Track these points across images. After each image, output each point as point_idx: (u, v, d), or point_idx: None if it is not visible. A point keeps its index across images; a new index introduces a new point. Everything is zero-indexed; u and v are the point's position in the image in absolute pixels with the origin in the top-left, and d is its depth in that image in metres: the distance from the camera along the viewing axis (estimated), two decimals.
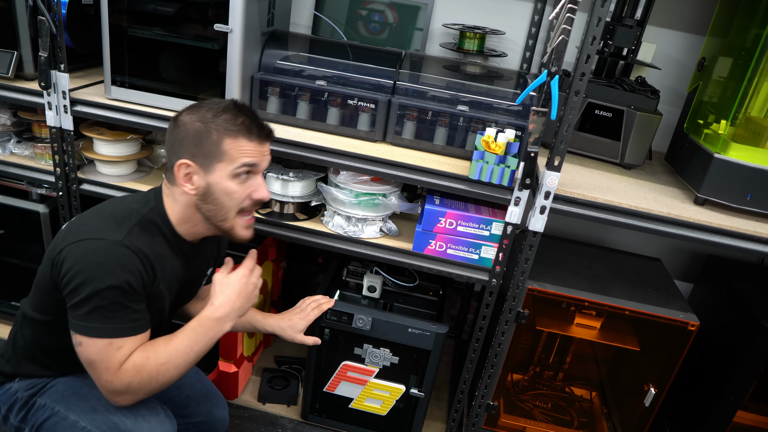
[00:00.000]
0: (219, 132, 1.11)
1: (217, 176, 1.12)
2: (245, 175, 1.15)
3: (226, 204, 1.14)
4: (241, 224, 1.19)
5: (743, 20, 1.42)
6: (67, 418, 1.15)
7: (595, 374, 1.96)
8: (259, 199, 1.17)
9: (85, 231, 1.07)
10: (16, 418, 1.20)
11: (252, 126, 1.13)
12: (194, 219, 1.17)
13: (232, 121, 1.11)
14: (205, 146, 1.11)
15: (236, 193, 1.14)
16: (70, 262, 1.03)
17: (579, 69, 1.19)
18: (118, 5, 1.45)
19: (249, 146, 1.13)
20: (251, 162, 1.14)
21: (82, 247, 1.04)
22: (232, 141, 1.11)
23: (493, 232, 1.47)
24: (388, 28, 1.90)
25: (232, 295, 1.16)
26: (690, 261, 2.02)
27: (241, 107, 1.15)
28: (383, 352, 1.62)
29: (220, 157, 1.11)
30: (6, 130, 1.73)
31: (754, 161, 1.32)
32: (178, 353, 1.09)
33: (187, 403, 1.43)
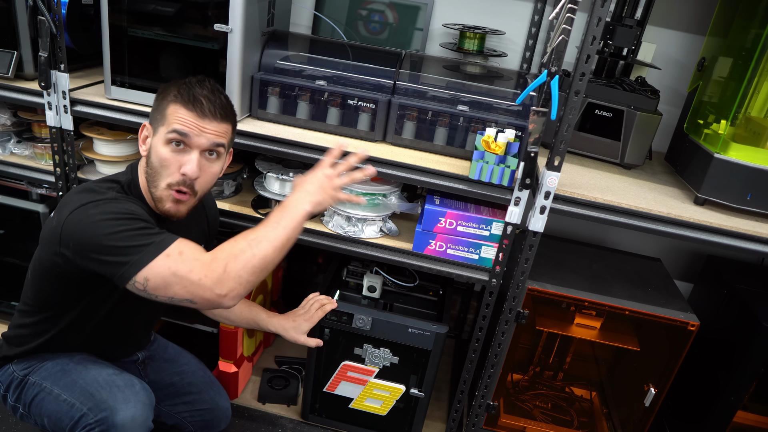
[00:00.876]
0: (168, 98, 1.15)
1: (156, 139, 1.15)
2: (180, 146, 1.14)
3: (158, 171, 1.15)
4: (169, 197, 1.17)
5: (743, 20, 1.42)
6: (51, 392, 1.20)
7: (595, 374, 1.96)
8: (184, 174, 1.14)
9: (77, 201, 1.09)
10: (12, 396, 1.26)
11: (195, 97, 1.13)
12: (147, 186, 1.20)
13: (182, 90, 1.14)
14: (158, 110, 1.16)
15: (166, 159, 1.14)
16: (76, 229, 1.06)
17: (579, 69, 1.19)
18: (118, 5, 1.45)
19: (186, 115, 1.13)
20: (181, 130, 1.12)
21: (81, 213, 1.07)
22: (173, 106, 1.14)
23: (493, 232, 1.47)
24: (388, 28, 1.90)
25: (305, 183, 1.16)
26: (690, 261, 2.02)
27: (201, 81, 1.17)
28: (383, 352, 1.62)
29: (162, 121, 1.14)
30: (6, 130, 1.73)
31: (754, 161, 1.32)
32: (265, 228, 1.09)
33: (190, 390, 1.46)
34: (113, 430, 1.12)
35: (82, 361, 1.25)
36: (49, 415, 1.20)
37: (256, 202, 1.66)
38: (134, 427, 1.14)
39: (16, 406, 1.27)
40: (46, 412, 1.21)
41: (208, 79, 1.19)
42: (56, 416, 1.19)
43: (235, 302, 1.06)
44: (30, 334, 1.26)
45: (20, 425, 1.61)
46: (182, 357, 1.53)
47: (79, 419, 1.15)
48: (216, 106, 1.15)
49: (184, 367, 1.50)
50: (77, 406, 1.16)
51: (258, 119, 1.58)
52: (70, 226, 1.07)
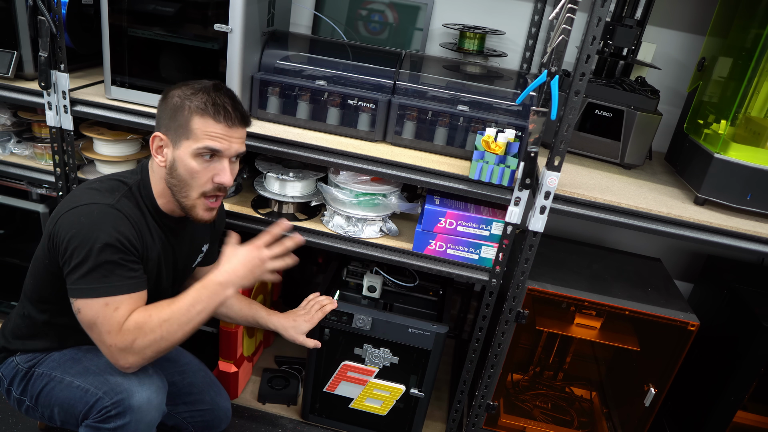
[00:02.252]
0: (191, 109, 1.13)
1: (181, 152, 1.15)
2: (209, 157, 1.15)
3: (188, 182, 1.16)
4: (202, 206, 1.20)
5: (743, 20, 1.42)
6: (62, 380, 1.21)
7: (595, 374, 1.96)
8: (220, 183, 1.18)
9: (77, 200, 1.12)
10: (18, 389, 1.26)
11: (221, 108, 1.14)
12: (167, 193, 1.21)
13: (205, 101, 1.13)
14: (177, 121, 1.14)
15: (197, 173, 1.15)
16: (66, 229, 1.08)
17: (579, 69, 1.19)
18: (118, 5, 1.45)
19: (215, 128, 1.14)
20: (214, 147, 1.14)
21: (76, 213, 1.09)
22: (200, 120, 1.13)
23: (493, 232, 1.47)
24: (388, 28, 1.90)
25: (237, 264, 1.17)
26: (690, 261, 2.02)
27: (219, 88, 1.17)
28: (383, 352, 1.62)
29: (187, 134, 1.14)
30: (6, 130, 1.73)
31: (754, 161, 1.32)
32: (180, 310, 1.11)
33: (191, 390, 1.46)
34: (130, 412, 1.13)
35: (90, 350, 1.24)
36: (61, 404, 1.20)
37: (256, 202, 1.66)
38: (150, 408, 1.16)
39: (21, 399, 1.26)
40: (57, 401, 1.20)
41: (221, 84, 1.19)
42: (68, 403, 1.19)
43: (128, 369, 1.11)
44: (30, 325, 1.25)
45: (20, 425, 1.61)
46: (183, 357, 1.53)
47: (94, 403, 1.15)
48: (240, 112, 1.17)
49: (185, 367, 1.50)
50: (92, 390, 1.16)
51: (258, 119, 1.58)
52: (61, 223, 1.09)
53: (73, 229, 1.07)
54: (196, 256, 1.41)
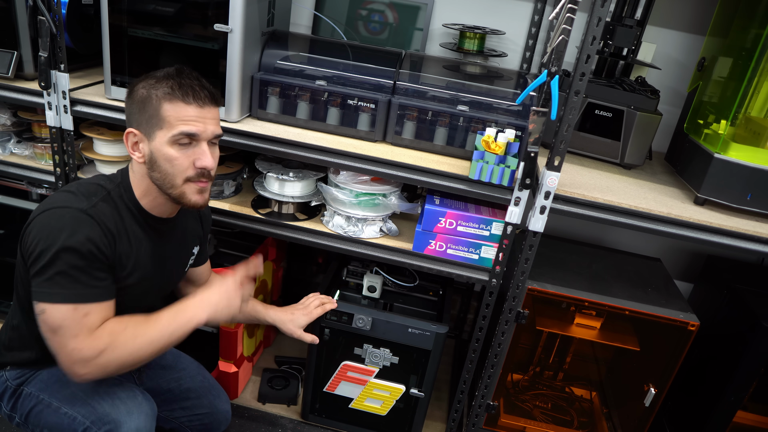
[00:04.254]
0: (158, 97, 1.10)
1: (157, 143, 1.11)
2: (187, 143, 1.12)
3: (170, 171, 1.12)
4: (191, 190, 1.16)
5: (743, 20, 1.42)
6: (50, 405, 1.19)
7: (595, 374, 1.97)
8: (203, 167, 1.14)
9: (51, 203, 1.09)
10: (7, 406, 1.24)
11: (189, 89, 1.11)
12: (151, 190, 1.17)
13: (171, 85, 1.10)
14: (147, 113, 1.11)
15: (177, 159, 1.12)
16: (35, 231, 1.05)
17: (579, 69, 1.19)
18: (118, 5, 1.45)
19: (187, 111, 1.10)
20: (189, 131, 1.11)
21: (47, 215, 1.07)
22: (169, 106, 1.10)
23: (493, 232, 1.47)
24: (388, 28, 1.90)
25: (217, 295, 1.17)
26: (690, 261, 2.02)
27: (182, 72, 1.14)
28: (383, 352, 1.62)
29: (160, 124, 1.10)
30: (6, 130, 1.73)
31: (754, 161, 1.32)
32: (155, 327, 1.09)
33: (188, 396, 1.44)
34: None
35: None
36: (50, 428, 1.18)
37: (256, 202, 1.66)
38: None
39: (11, 415, 1.24)
40: (46, 424, 1.18)
41: (184, 67, 1.16)
42: (57, 429, 1.17)
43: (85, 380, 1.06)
44: (20, 337, 1.22)
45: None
46: (180, 362, 1.50)
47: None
48: (208, 91, 1.14)
49: (181, 372, 1.47)
50: (79, 419, 1.14)
51: (258, 119, 1.58)
52: (32, 225, 1.07)
53: (42, 232, 1.04)
54: (188, 259, 1.38)
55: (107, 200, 1.14)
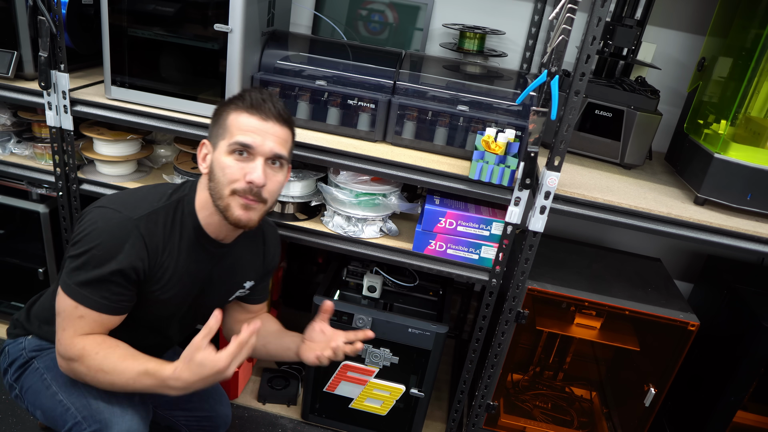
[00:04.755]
0: (227, 110, 1.12)
1: (218, 152, 1.12)
2: (244, 155, 1.10)
3: (221, 179, 1.11)
4: (236, 204, 1.12)
5: (743, 20, 1.42)
6: (49, 387, 1.19)
7: (595, 374, 1.96)
8: (251, 181, 1.10)
9: (113, 200, 1.12)
10: (13, 375, 1.25)
11: (256, 102, 1.11)
12: (208, 204, 1.15)
13: (242, 98, 1.12)
14: (217, 125, 1.13)
15: (229, 168, 1.10)
16: (85, 221, 1.08)
17: (579, 69, 1.19)
18: (118, 5, 1.45)
19: (248, 122, 1.10)
20: (244, 140, 1.09)
21: (100, 213, 1.09)
22: (234, 116, 1.11)
23: (493, 232, 1.47)
24: (388, 28, 1.90)
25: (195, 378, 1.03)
26: (690, 261, 2.02)
27: (261, 90, 1.15)
28: (383, 352, 1.62)
29: (223, 134, 1.12)
30: (6, 130, 1.73)
31: (754, 161, 1.32)
32: (120, 375, 1.07)
33: (190, 398, 1.43)
34: None
35: None
36: (43, 410, 1.19)
37: None
38: None
39: (13, 385, 1.25)
40: (41, 406, 1.20)
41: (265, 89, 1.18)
42: (50, 414, 1.18)
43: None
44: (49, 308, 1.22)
45: (20, 425, 1.61)
46: None
47: (72, 426, 1.14)
48: (277, 108, 1.13)
49: None
50: (72, 411, 1.15)
51: None
52: (86, 214, 1.10)
53: (89, 226, 1.07)
54: (235, 290, 1.33)
55: (167, 210, 1.14)
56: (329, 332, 1.29)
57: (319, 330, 1.30)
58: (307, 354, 1.27)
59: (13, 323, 1.31)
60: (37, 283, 1.80)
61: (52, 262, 1.78)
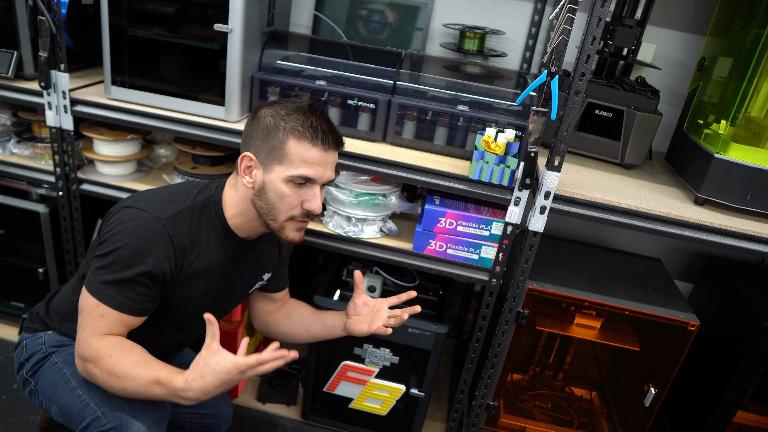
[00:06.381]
0: (286, 131, 1.09)
1: (273, 176, 1.10)
2: (302, 183, 1.12)
3: (277, 206, 1.12)
4: (291, 227, 1.16)
5: (743, 20, 1.42)
6: (69, 382, 1.18)
7: (595, 374, 1.96)
8: (310, 211, 1.13)
9: (139, 200, 1.12)
10: (29, 371, 1.24)
11: (319, 131, 1.09)
12: (249, 213, 1.16)
13: (301, 122, 1.09)
14: (270, 143, 1.10)
15: (288, 197, 1.11)
16: (112, 221, 1.09)
17: (579, 69, 1.19)
18: (118, 5, 1.45)
19: (311, 153, 1.09)
20: (308, 175, 1.10)
21: (128, 213, 1.09)
22: (296, 143, 1.08)
23: (493, 232, 1.47)
24: (388, 28, 1.90)
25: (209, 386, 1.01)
26: (690, 261, 2.02)
27: (315, 110, 1.13)
28: (383, 352, 1.62)
29: (281, 159, 1.09)
30: (6, 130, 1.73)
31: (754, 161, 1.32)
32: (132, 382, 1.04)
33: None
34: None
35: None
36: (60, 406, 1.18)
37: None
38: None
39: (28, 380, 1.24)
40: (58, 401, 1.19)
41: (316, 104, 1.15)
42: (68, 410, 1.17)
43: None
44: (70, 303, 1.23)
45: (20, 425, 1.61)
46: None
47: (91, 422, 1.13)
48: (336, 136, 1.13)
49: None
50: (91, 406, 1.14)
51: None
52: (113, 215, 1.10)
53: (117, 227, 1.07)
54: (255, 283, 1.36)
55: (194, 210, 1.14)
56: (372, 303, 1.33)
57: (362, 303, 1.32)
58: (360, 327, 1.31)
59: (31, 317, 1.30)
60: (37, 283, 1.80)
61: (52, 262, 1.78)
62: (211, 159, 1.64)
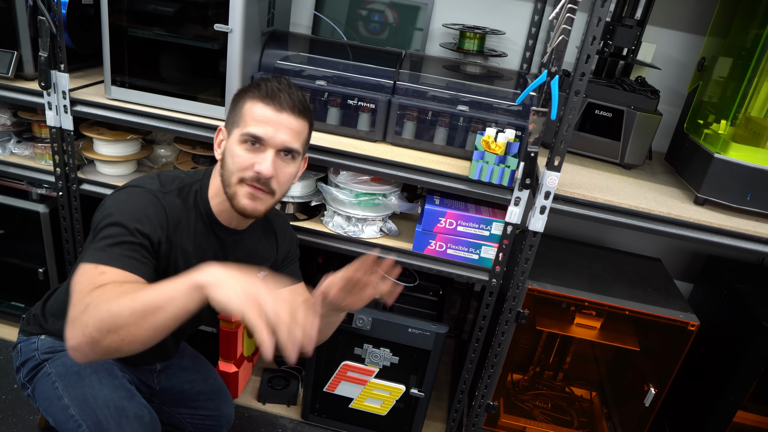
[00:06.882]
0: (245, 96, 1.12)
1: (231, 140, 1.12)
2: (255, 145, 1.10)
3: (230, 167, 1.11)
4: (243, 193, 1.12)
5: (743, 20, 1.42)
6: (61, 398, 1.17)
7: (595, 374, 1.96)
8: (257, 171, 1.09)
9: (129, 183, 1.13)
10: (26, 376, 1.24)
11: (275, 92, 1.09)
12: (220, 191, 1.16)
13: (260, 87, 1.11)
14: (234, 112, 1.13)
15: (239, 157, 1.10)
16: (107, 202, 1.08)
17: (579, 69, 1.19)
18: (118, 5, 1.45)
19: (263, 112, 1.09)
20: (255, 132, 1.08)
21: (122, 190, 1.10)
22: (250, 104, 1.10)
23: (493, 232, 1.47)
24: (388, 28, 1.90)
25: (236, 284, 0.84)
26: (690, 261, 2.02)
27: (280, 80, 1.13)
28: (383, 352, 1.62)
29: (237, 122, 1.11)
30: (6, 130, 1.73)
31: (754, 161, 1.32)
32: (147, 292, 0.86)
33: (197, 398, 1.45)
34: None
35: (97, 369, 1.19)
36: (54, 420, 1.18)
37: None
38: None
39: (26, 384, 1.24)
40: (52, 414, 1.18)
41: (284, 77, 1.15)
42: (62, 426, 1.16)
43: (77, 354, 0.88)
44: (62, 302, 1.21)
45: (20, 425, 1.61)
46: (197, 364, 1.50)
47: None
48: (294, 100, 1.12)
49: (197, 375, 1.47)
50: (83, 427, 1.13)
51: None
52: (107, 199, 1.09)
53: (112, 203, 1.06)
54: None
55: (181, 193, 1.15)
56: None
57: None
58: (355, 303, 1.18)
59: (28, 319, 1.30)
60: (37, 283, 1.80)
61: (52, 262, 1.78)
62: (211, 159, 1.64)
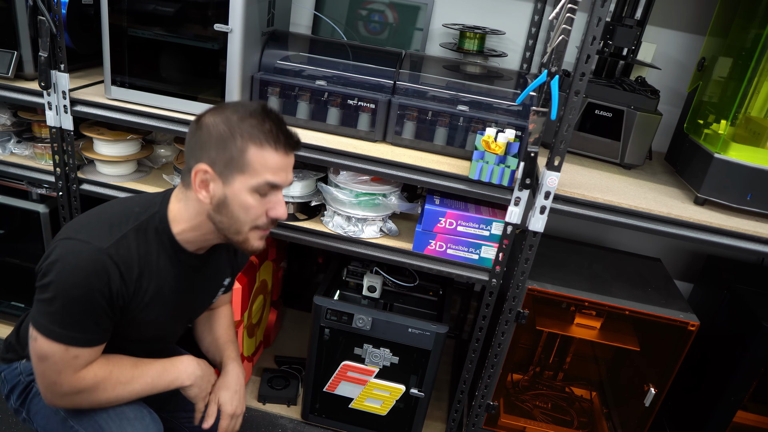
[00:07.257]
0: (244, 138, 1.01)
1: (235, 188, 1.03)
2: (267, 192, 1.06)
3: (241, 218, 1.05)
4: (255, 236, 1.09)
5: (743, 20, 1.42)
6: (58, 413, 1.16)
7: (595, 374, 1.96)
8: (276, 218, 1.08)
9: (78, 230, 1.03)
10: (16, 401, 1.22)
11: (279, 134, 1.03)
12: (204, 228, 1.09)
13: (259, 128, 1.02)
14: (227, 153, 1.01)
15: (253, 209, 1.05)
16: (52, 257, 0.99)
17: (579, 69, 1.19)
18: (118, 5, 1.45)
19: (274, 159, 1.03)
20: (275, 182, 1.04)
21: (68, 246, 0.99)
22: (257, 150, 1.01)
23: (493, 232, 1.47)
24: (388, 28, 1.90)
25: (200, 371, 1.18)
26: (690, 261, 2.02)
27: (269, 112, 1.05)
28: (383, 352, 1.62)
29: (242, 168, 1.02)
30: (6, 130, 1.73)
31: (754, 161, 1.32)
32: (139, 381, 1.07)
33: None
34: None
35: None
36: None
37: None
38: None
39: (19, 409, 1.22)
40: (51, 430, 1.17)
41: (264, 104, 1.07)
42: None
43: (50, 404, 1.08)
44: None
45: (20, 425, 1.61)
46: None
47: None
48: (294, 138, 1.08)
49: None
50: None
51: None
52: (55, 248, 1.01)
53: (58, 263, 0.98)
54: (217, 291, 1.31)
55: (138, 231, 1.06)
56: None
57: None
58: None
59: (6, 346, 1.25)
60: None
61: None
62: None
